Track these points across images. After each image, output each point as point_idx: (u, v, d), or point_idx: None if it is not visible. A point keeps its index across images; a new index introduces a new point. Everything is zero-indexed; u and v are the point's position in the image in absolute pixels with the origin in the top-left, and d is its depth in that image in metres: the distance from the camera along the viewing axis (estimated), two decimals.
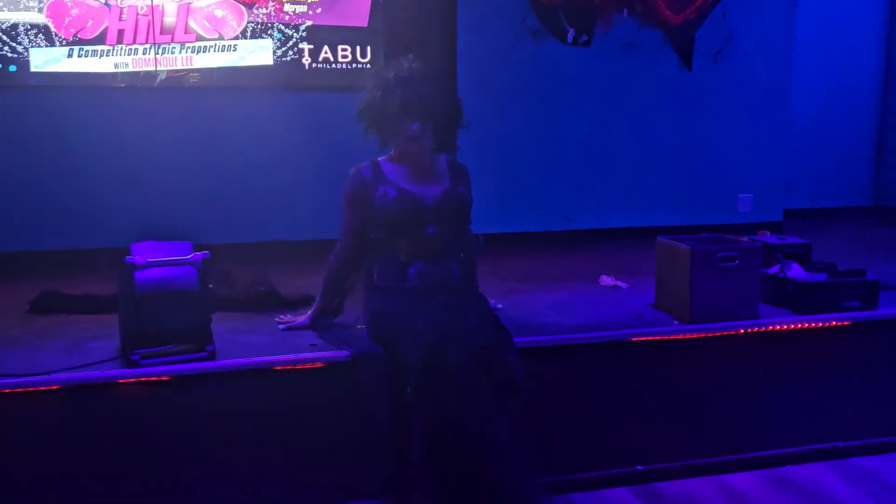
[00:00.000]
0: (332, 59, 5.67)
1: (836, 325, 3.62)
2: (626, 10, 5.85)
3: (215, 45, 5.45)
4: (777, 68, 6.44)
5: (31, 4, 5.07)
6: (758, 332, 3.52)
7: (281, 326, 3.31)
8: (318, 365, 2.93)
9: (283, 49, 5.58)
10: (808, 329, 3.58)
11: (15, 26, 5.04)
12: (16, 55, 5.05)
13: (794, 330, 3.56)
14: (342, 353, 2.96)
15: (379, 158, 3.08)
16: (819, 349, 3.60)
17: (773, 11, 6.27)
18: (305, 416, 2.91)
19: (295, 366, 2.94)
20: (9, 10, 5.02)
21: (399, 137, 2.92)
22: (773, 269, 3.94)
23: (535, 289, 4.42)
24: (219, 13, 5.44)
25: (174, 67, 5.37)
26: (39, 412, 2.69)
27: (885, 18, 7.33)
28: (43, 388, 2.68)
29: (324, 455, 2.92)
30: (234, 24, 5.47)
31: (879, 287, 3.89)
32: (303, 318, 3.30)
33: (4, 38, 5.03)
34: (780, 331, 3.55)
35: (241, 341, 3.22)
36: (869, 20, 7.28)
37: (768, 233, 4.58)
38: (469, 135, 5.75)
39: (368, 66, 5.70)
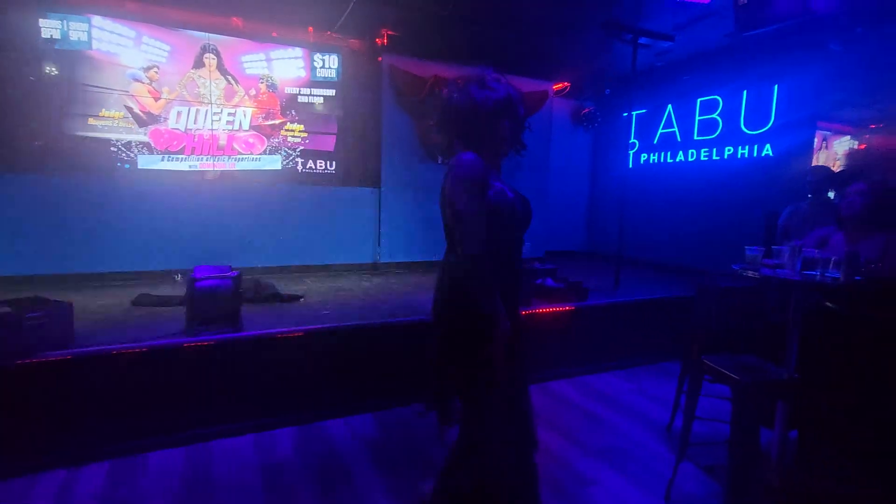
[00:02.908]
0: (313, 167, 5.51)
1: (567, 309, 3.74)
2: None
3: (248, 158, 5.20)
4: (540, 176, 6.59)
5: (140, 130, 4.69)
6: (533, 312, 3.58)
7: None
8: (300, 334, 2.81)
9: (287, 161, 5.38)
10: (555, 312, 3.68)
11: (129, 143, 4.65)
12: (128, 159, 4.65)
13: (549, 312, 3.65)
14: (319, 326, 2.87)
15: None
16: (560, 320, 3.69)
17: (539, 148, 6.36)
18: (295, 363, 2.78)
19: (289, 335, 2.80)
20: (126, 133, 4.63)
21: (490, 139, 1.52)
22: (539, 281, 4.09)
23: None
24: (251, 140, 5.20)
25: (224, 169, 5.08)
26: (135, 366, 2.46)
27: (591, 151, 7.74)
28: (137, 351, 2.46)
29: (311, 385, 2.79)
30: (260, 146, 5.25)
31: (588, 290, 4.11)
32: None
33: (123, 149, 4.63)
34: (543, 312, 3.63)
35: (258, 321, 3.05)
36: (583, 150, 7.70)
37: (537, 263, 4.74)
38: (389, 202, 5.71)
39: (333, 172, 5.58)
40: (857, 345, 2.23)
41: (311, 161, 5.49)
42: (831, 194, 3.43)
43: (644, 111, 6.54)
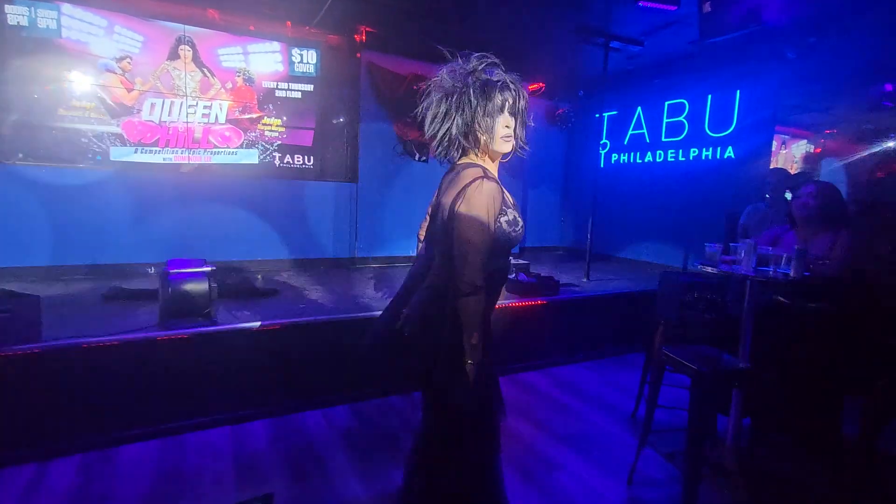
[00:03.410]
0: (291, 162, 5.43)
1: (540, 303, 3.80)
2: None
3: (225, 151, 5.09)
4: (515, 174, 6.67)
5: (112, 122, 4.54)
6: (506, 306, 3.59)
7: None
8: (276, 328, 2.77)
9: (264, 155, 5.29)
10: (528, 305, 3.73)
11: (101, 134, 4.50)
12: (100, 150, 4.50)
13: (521, 306, 3.70)
14: (295, 320, 2.83)
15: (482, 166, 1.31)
16: (532, 314, 3.74)
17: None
18: (265, 356, 2.75)
19: (265, 328, 2.77)
20: (98, 124, 4.47)
21: (494, 138, 1.31)
22: (513, 276, 4.13)
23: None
24: (227, 133, 5.09)
25: (199, 162, 4.96)
26: (107, 359, 2.40)
27: (565, 150, 7.80)
28: (109, 344, 2.40)
29: (287, 377, 2.77)
30: (236, 139, 5.14)
31: (559, 285, 4.16)
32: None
33: (95, 139, 4.47)
34: (516, 306, 3.67)
35: (233, 314, 3.02)
36: (558, 149, 7.75)
37: (512, 257, 4.77)
38: (366, 197, 5.67)
39: (311, 167, 5.51)
40: (804, 336, 2.35)
41: (288, 156, 5.41)
42: (788, 195, 3.56)
43: (615, 112, 6.66)
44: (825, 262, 2.38)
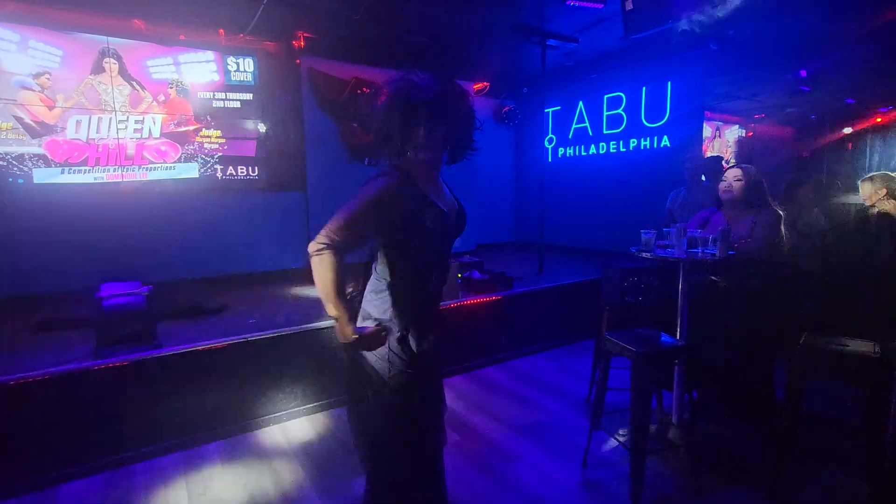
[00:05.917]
0: (234, 173, 5.29)
1: (494, 299, 3.85)
2: None
3: (161, 166, 4.91)
4: (467, 173, 6.70)
5: (34, 142, 4.29)
6: (461, 304, 3.66)
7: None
8: (222, 346, 2.70)
9: (205, 168, 5.13)
10: (482, 301, 3.78)
11: (21, 155, 4.25)
12: (22, 173, 4.25)
13: (476, 303, 3.75)
14: (243, 337, 2.76)
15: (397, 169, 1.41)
16: (488, 310, 3.79)
17: None
18: (214, 376, 2.68)
19: (209, 347, 2.69)
20: (17, 146, 4.22)
21: (409, 146, 1.38)
22: (466, 274, 4.19)
23: None
24: (163, 148, 4.91)
25: (134, 180, 4.76)
26: (39, 394, 2.27)
27: (514, 146, 8.01)
28: (40, 378, 2.28)
29: (240, 396, 2.71)
30: (174, 154, 4.96)
31: (513, 280, 4.25)
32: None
33: (14, 162, 4.22)
34: (471, 304, 3.72)
35: (177, 335, 2.92)
36: (507, 146, 7.95)
37: (466, 256, 4.83)
38: (317, 205, 5.59)
39: (256, 177, 5.39)
40: (734, 311, 2.52)
41: (231, 167, 5.27)
42: (703, 178, 3.83)
43: (559, 108, 6.85)
44: (747, 240, 2.56)
